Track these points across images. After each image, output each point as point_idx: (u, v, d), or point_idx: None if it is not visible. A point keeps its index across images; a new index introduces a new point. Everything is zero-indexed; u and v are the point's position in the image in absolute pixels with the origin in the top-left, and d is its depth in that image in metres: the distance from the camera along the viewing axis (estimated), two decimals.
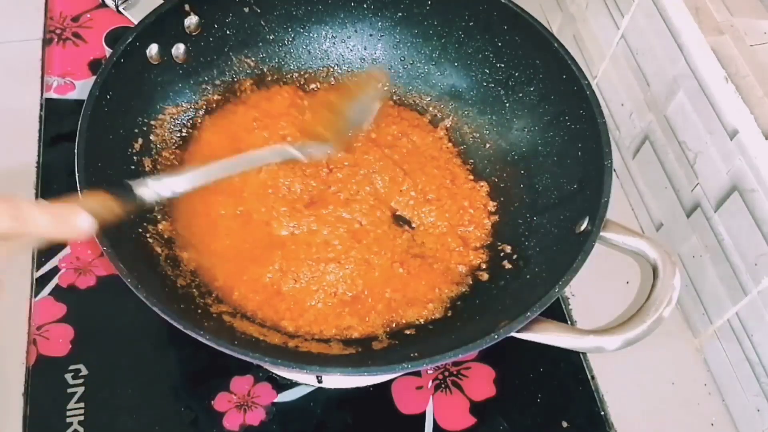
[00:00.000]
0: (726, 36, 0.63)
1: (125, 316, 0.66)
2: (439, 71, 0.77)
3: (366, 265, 0.65)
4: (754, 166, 0.58)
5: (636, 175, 0.77)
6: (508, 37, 0.71)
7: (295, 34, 0.77)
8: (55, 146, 0.77)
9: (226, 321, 0.60)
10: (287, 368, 0.54)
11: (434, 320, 0.64)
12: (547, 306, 0.53)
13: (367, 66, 0.78)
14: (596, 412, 0.66)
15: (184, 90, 0.72)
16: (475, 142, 0.75)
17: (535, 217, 0.67)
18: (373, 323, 0.63)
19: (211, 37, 0.72)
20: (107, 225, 0.47)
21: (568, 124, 0.67)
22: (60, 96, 0.81)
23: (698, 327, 0.69)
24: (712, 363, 0.68)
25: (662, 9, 0.67)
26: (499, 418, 0.65)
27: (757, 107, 0.59)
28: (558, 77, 0.66)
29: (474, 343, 0.52)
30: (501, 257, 0.67)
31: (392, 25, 0.77)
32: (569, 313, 0.71)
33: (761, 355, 0.61)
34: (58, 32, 0.87)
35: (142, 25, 0.66)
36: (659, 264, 0.55)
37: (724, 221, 0.63)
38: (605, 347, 0.52)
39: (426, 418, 0.64)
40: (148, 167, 0.67)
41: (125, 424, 0.62)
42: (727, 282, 0.64)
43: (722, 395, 0.67)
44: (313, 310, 0.63)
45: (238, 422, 0.63)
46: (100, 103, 0.61)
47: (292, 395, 0.64)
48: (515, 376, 0.67)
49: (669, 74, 0.68)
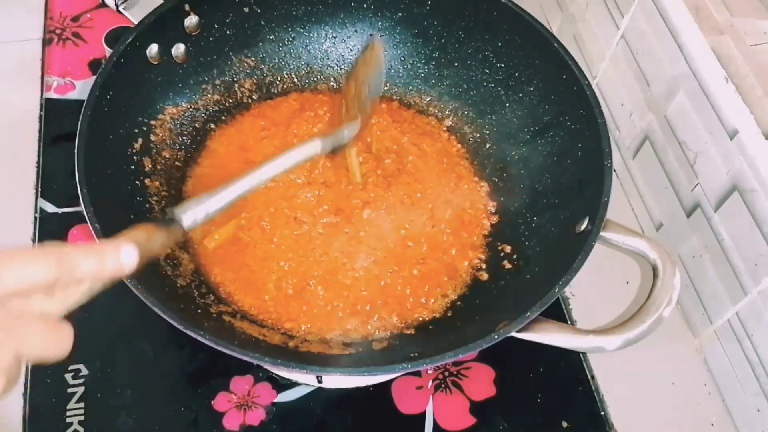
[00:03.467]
0: (726, 36, 0.63)
1: (125, 316, 0.66)
2: (439, 71, 0.77)
3: (369, 268, 0.66)
4: (754, 166, 0.58)
5: (636, 175, 0.77)
6: (508, 37, 0.71)
7: (295, 34, 0.77)
8: (55, 146, 0.77)
9: (226, 321, 0.60)
10: (287, 368, 0.54)
11: (434, 320, 0.64)
12: (547, 306, 0.53)
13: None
14: (596, 412, 0.66)
15: (184, 90, 0.72)
16: (475, 142, 0.75)
17: (535, 217, 0.67)
18: (374, 324, 0.63)
19: (211, 37, 0.72)
20: (154, 256, 0.46)
21: (568, 124, 0.67)
22: (60, 96, 0.81)
23: (698, 327, 0.69)
24: (712, 363, 0.68)
25: (662, 9, 0.67)
26: (499, 418, 0.65)
27: (757, 107, 0.59)
28: (558, 77, 0.66)
29: (474, 343, 0.52)
30: (501, 257, 0.67)
31: (392, 25, 0.77)
32: (569, 313, 0.71)
33: (761, 355, 0.61)
34: (58, 32, 0.87)
35: (142, 25, 0.66)
36: (659, 264, 0.55)
37: (724, 221, 0.63)
38: (605, 347, 0.52)
39: (426, 418, 0.64)
40: (148, 167, 0.67)
41: (125, 424, 0.62)
42: (727, 282, 0.64)
43: (722, 395, 0.67)
44: (316, 313, 0.63)
45: (238, 422, 0.63)
46: (100, 103, 0.61)
47: (292, 395, 0.64)
48: (515, 376, 0.67)
49: (669, 74, 0.68)
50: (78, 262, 0.39)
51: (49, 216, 0.72)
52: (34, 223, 0.72)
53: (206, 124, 0.73)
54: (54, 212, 0.73)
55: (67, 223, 0.72)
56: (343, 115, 0.68)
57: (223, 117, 0.74)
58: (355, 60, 0.78)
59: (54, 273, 0.38)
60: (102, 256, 0.40)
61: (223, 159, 0.72)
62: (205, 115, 0.73)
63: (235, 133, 0.74)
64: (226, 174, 0.69)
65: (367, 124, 0.68)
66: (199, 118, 0.73)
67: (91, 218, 0.54)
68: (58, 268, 0.38)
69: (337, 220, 0.67)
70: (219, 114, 0.74)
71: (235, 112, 0.75)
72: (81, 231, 0.72)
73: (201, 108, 0.73)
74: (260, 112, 0.75)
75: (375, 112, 0.75)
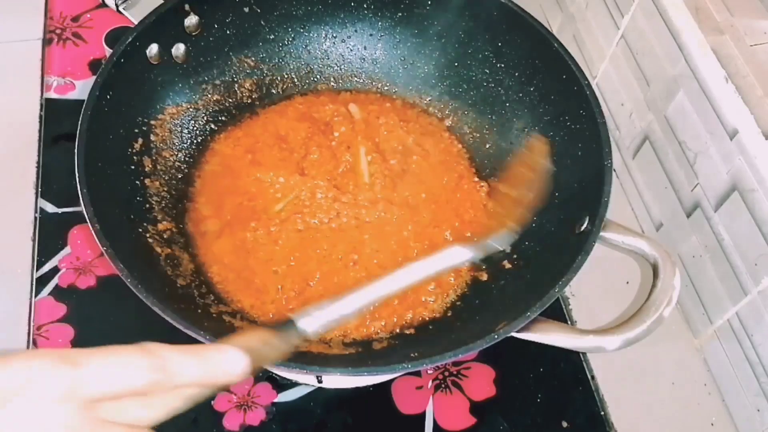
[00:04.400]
0: (726, 36, 0.63)
1: (125, 316, 0.66)
2: (439, 71, 0.77)
3: (371, 268, 0.66)
4: (754, 166, 0.58)
5: (636, 175, 0.77)
6: (508, 37, 0.71)
7: (295, 34, 0.77)
8: (55, 146, 0.77)
9: (226, 321, 0.60)
10: (287, 368, 0.54)
11: (434, 320, 0.64)
12: (547, 306, 0.53)
13: (368, 66, 0.78)
14: (596, 412, 0.66)
15: (184, 90, 0.72)
16: (475, 142, 0.75)
17: (535, 217, 0.67)
18: (374, 324, 0.63)
19: (211, 37, 0.72)
20: (266, 365, 0.42)
21: (568, 124, 0.67)
22: (60, 96, 0.81)
23: (698, 327, 0.69)
24: (712, 363, 0.68)
25: (662, 9, 0.67)
26: (499, 418, 0.65)
27: (757, 107, 0.59)
28: (558, 77, 0.66)
29: (474, 343, 0.52)
30: (501, 257, 0.67)
31: (392, 25, 0.77)
32: (569, 313, 0.71)
33: (761, 355, 0.61)
34: (58, 32, 0.87)
35: (142, 25, 0.66)
36: (659, 264, 0.55)
37: (724, 221, 0.63)
38: (605, 347, 0.52)
39: (426, 418, 0.64)
40: (149, 167, 0.67)
41: None
42: (727, 282, 0.64)
43: (722, 395, 0.67)
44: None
45: (238, 422, 0.63)
46: (100, 103, 0.61)
47: (292, 395, 0.64)
48: (515, 376, 0.67)
49: (669, 74, 0.68)
50: (182, 367, 0.35)
51: (49, 216, 0.72)
52: (34, 223, 0.72)
53: (206, 125, 0.73)
54: (54, 212, 0.73)
55: (67, 223, 0.72)
56: (491, 214, 0.62)
57: (224, 117, 0.74)
58: (509, 154, 0.71)
59: (154, 377, 0.34)
60: (208, 362, 0.36)
61: (230, 160, 0.72)
62: (205, 115, 0.73)
63: (243, 136, 0.74)
64: (234, 176, 0.70)
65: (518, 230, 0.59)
66: (199, 118, 0.73)
67: (91, 218, 0.54)
68: (159, 373, 0.34)
69: (342, 221, 0.67)
70: (219, 114, 0.74)
71: (237, 113, 0.75)
72: (81, 231, 0.72)
73: (201, 108, 0.73)
74: (268, 118, 0.75)
75: (382, 113, 0.75)
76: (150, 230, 0.64)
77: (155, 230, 0.64)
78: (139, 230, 0.63)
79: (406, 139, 0.74)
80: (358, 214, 0.68)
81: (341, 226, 0.67)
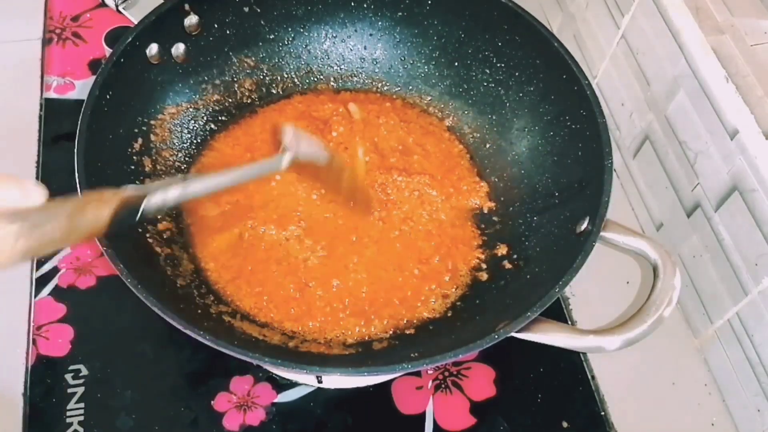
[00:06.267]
0: (726, 36, 0.63)
1: (125, 316, 0.66)
2: (439, 71, 0.77)
3: (370, 268, 0.66)
4: (754, 166, 0.58)
5: (636, 175, 0.77)
6: (508, 37, 0.71)
7: (295, 33, 0.77)
8: (55, 146, 0.77)
9: (226, 321, 0.60)
10: (287, 368, 0.54)
11: (434, 320, 0.64)
12: (547, 306, 0.53)
13: (367, 66, 0.78)
14: (596, 412, 0.66)
15: (184, 90, 0.72)
16: (475, 142, 0.75)
17: (535, 217, 0.67)
18: (375, 325, 0.63)
19: (211, 37, 0.72)
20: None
21: (568, 124, 0.67)
22: (60, 96, 0.81)
23: (698, 327, 0.69)
24: (712, 363, 0.68)
25: (662, 9, 0.67)
26: (499, 418, 0.65)
27: (757, 107, 0.59)
28: (558, 77, 0.66)
29: (474, 343, 0.52)
30: (501, 257, 0.67)
31: (392, 25, 0.77)
32: (569, 313, 0.71)
33: (761, 355, 0.61)
34: (58, 32, 0.87)
35: (142, 25, 0.66)
36: (659, 264, 0.55)
37: (725, 221, 0.63)
38: (605, 347, 0.52)
39: (426, 418, 0.64)
40: (148, 167, 0.67)
41: (125, 424, 0.62)
42: (728, 282, 0.64)
43: (722, 395, 0.67)
44: (316, 313, 0.63)
45: (238, 422, 0.63)
46: (100, 103, 0.61)
47: (292, 395, 0.64)
48: (515, 376, 0.67)
49: (669, 74, 0.68)
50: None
51: None
52: None
53: (206, 124, 0.73)
54: None
55: None
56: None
57: (223, 117, 0.74)
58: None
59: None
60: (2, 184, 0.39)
61: (229, 159, 0.71)
62: (205, 115, 0.73)
63: (242, 135, 0.74)
64: None
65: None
66: (199, 118, 0.73)
67: None
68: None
69: (341, 222, 0.67)
70: (219, 114, 0.74)
71: (237, 113, 0.75)
72: None
73: (201, 108, 0.73)
74: (267, 117, 0.75)
75: (382, 113, 0.75)
76: (150, 230, 0.64)
77: (155, 230, 0.64)
78: (139, 230, 0.63)
79: (406, 138, 0.74)
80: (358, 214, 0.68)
81: (338, 227, 0.67)
